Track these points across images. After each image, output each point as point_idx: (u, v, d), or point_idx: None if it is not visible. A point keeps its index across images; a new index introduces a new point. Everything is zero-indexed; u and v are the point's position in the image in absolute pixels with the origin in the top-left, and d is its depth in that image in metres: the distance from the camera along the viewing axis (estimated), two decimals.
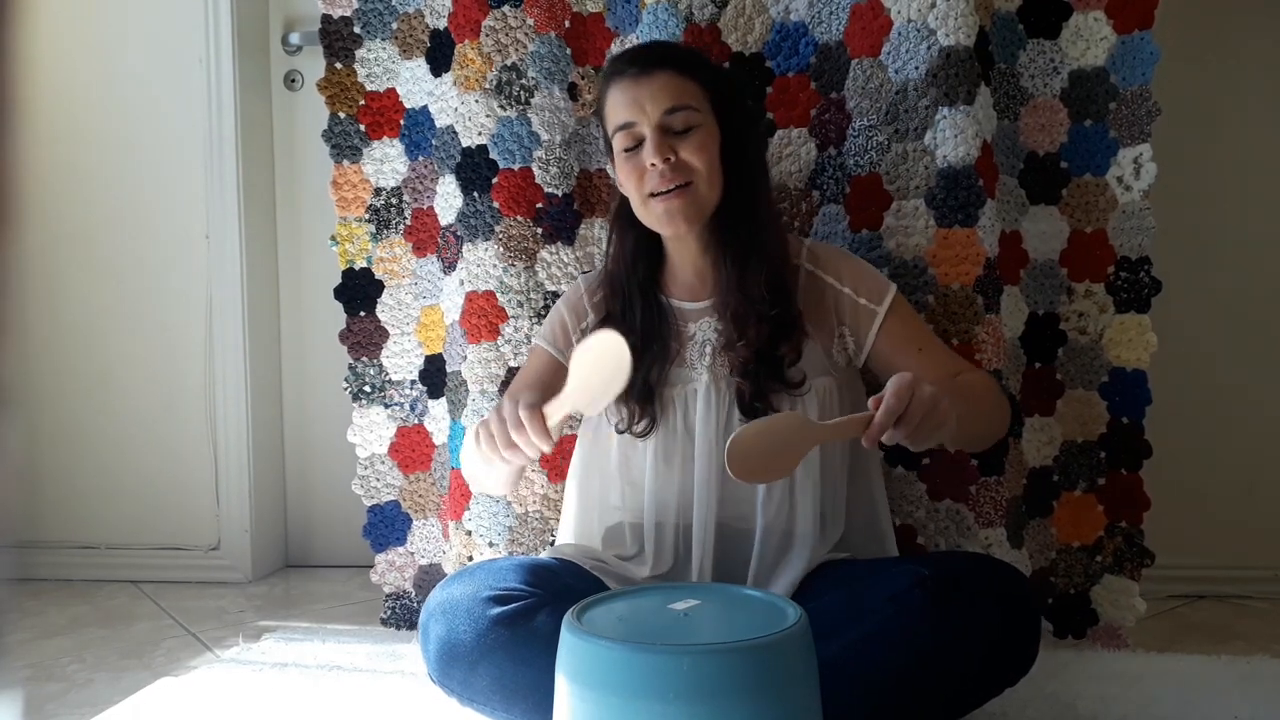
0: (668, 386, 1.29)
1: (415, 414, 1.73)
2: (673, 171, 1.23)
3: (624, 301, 1.33)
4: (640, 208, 1.28)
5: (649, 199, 1.25)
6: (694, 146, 1.24)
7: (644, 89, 1.24)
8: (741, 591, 1.03)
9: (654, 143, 1.23)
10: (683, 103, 1.24)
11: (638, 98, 1.24)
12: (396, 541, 1.75)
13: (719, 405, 1.27)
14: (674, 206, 1.24)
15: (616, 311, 1.33)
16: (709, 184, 1.26)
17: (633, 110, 1.24)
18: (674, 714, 0.83)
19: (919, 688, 1.07)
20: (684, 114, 1.24)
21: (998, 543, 1.44)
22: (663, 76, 1.25)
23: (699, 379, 1.29)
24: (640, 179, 1.25)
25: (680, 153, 1.23)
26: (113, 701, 1.42)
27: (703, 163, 1.24)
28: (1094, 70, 1.52)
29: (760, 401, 1.25)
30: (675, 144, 1.23)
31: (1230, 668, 1.45)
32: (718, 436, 1.26)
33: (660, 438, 1.28)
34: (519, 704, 1.10)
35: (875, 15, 1.47)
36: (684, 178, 1.23)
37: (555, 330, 1.39)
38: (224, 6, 2.07)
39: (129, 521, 2.14)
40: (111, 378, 2.14)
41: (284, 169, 2.20)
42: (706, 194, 1.26)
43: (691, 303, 1.33)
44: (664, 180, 1.23)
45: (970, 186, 1.42)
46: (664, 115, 1.23)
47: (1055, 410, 1.56)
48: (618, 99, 1.26)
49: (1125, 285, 1.53)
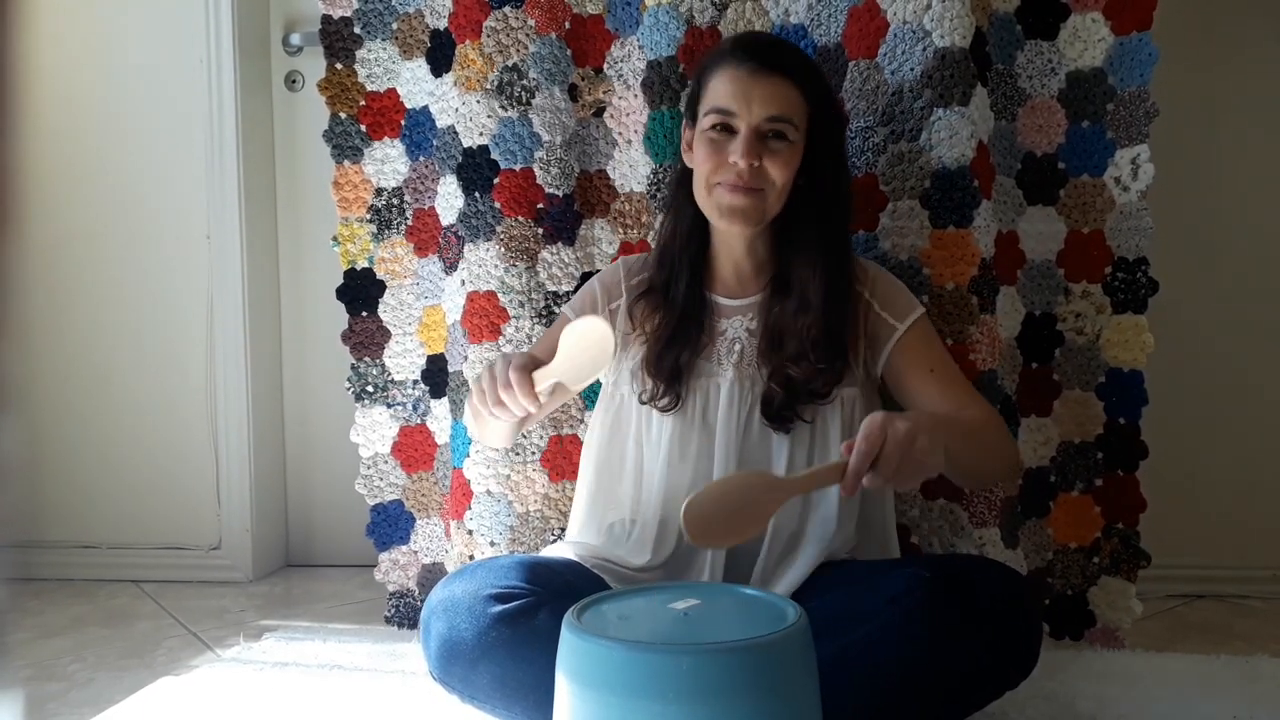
0: (692, 377, 1.30)
1: (417, 414, 1.74)
2: (751, 176, 1.24)
3: (670, 274, 1.34)
4: (703, 188, 1.28)
5: (715, 186, 1.26)
6: (779, 162, 1.25)
7: (756, 88, 1.24)
8: (742, 591, 1.03)
9: (746, 144, 1.23)
10: (787, 115, 1.24)
11: (747, 93, 1.24)
12: (400, 540, 1.75)
13: (741, 405, 1.28)
14: (737, 203, 1.25)
15: (660, 284, 1.34)
16: (778, 198, 1.27)
17: (738, 103, 1.24)
18: (674, 713, 0.83)
19: (919, 688, 1.07)
20: (783, 127, 1.25)
21: (991, 542, 1.44)
22: (778, 81, 1.24)
23: (724, 375, 1.30)
24: (716, 167, 1.26)
25: (764, 160, 1.24)
26: (114, 701, 1.42)
27: (780, 178, 1.25)
28: (1091, 71, 1.53)
29: (786, 410, 1.26)
30: (763, 151, 1.24)
31: (1229, 667, 1.46)
32: (737, 435, 1.27)
33: (678, 428, 1.29)
34: (519, 702, 1.10)
35: (872, 17, 1.48)
36: (758, 184, 1.25)
37: (585, 303, 1.40)
38: (224, 7, 2.07)
39: (130, 521, 2.14)
40: (112, 378, 2.14)
41: (285, 169, 2.20)
42: (772, 205, 1.27)
43: (727, 299, 1.34)
44: (739, 179, 1.24)
45: (965, 187, 1.42)
46: (765, 121, 1.24)
47: (1052, 411, 1.56)
48: (726, 84, 1.26)
49: (1122, 286, 1.54)
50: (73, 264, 2.13)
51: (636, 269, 1.41)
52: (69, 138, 2.11)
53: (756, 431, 1.28)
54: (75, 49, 2.12)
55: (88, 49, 2.12)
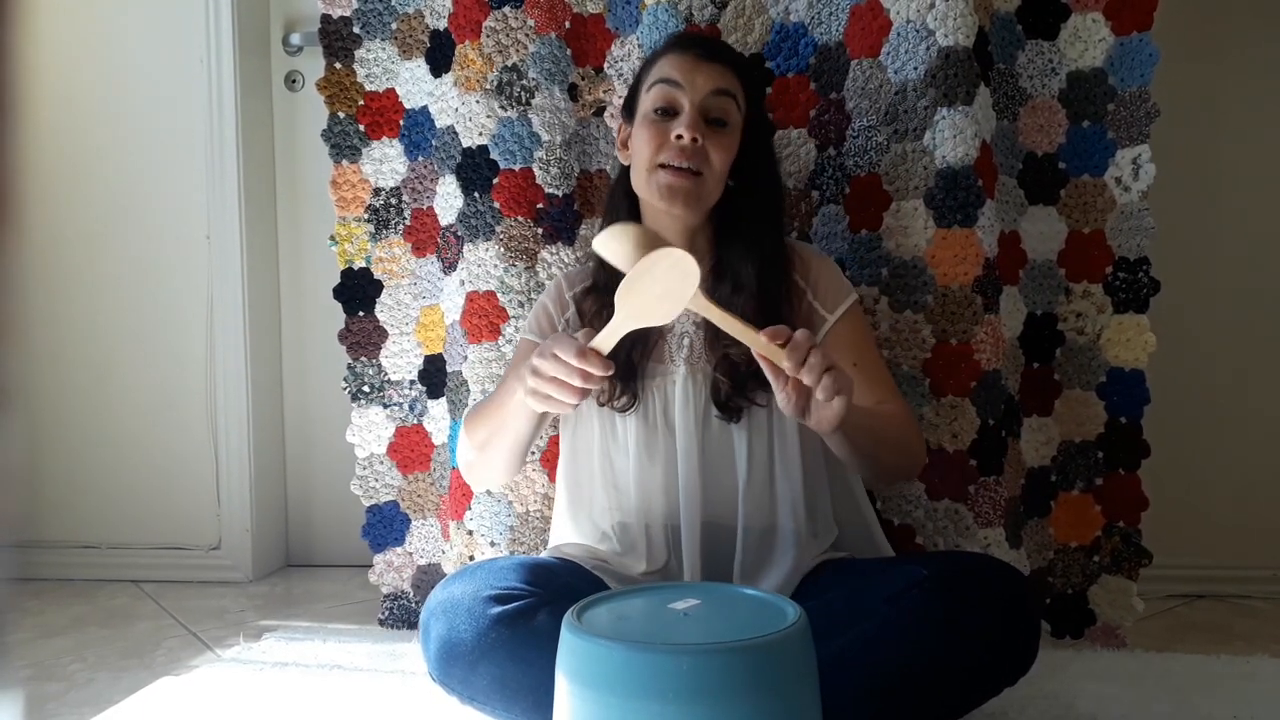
0: (647, 376, 1.30)
1: (414, 414, 1.73)
2: (693, 154, 1.24)
3: (611, 273, 1.32)
4: (643, 174, 1.28)
5: (657, 168, 1.26)
6: (719, 145, 1.26)
7: (701, 67, 1.27)
8: (742, 591, 1.03)
9: (691, 118, 1.25)
10: (731, 89, 1.27)
11: (693, 70, 1.27)
12: (395, 542, 1.75)
13: (696, 400, 1.28)
14: (678, 184, 1.25)
15: (602, 281, 1.33)
16: (716, 183, 1.28)
17: (683, 76, 1.27)
18: (674, 714, 0.83)
19: (919, 687, 1.07)
20: (726, 102, 1.27)
21: (996, 543, 1.44)
22: (721, 67, 1.28)
23: (676, 371, 1.30)
24: (658, 146, 1.26)
25: (706, 141, 1.25)
26: (113, 701, 1.42)
27: (719, 162, 1.27)
28: (1092, 71, 1.52)
29: (737, 397, 1.26)
30: (705, 132, 1.26)
31: (1229, 667, 1.45)
32: (697, 431, 1.27)
33: (641, 432, 1.29)
34: (519, 703, 1.10)
35: (875, 16, 1.48)
36: (698, 166, 1.25)
37: (540, 321, 1.40)
38: (224, 7, 2.07)
39: (130, 521, 2.14)
40: (112, 378, 2.14)
41: (284, 169, 2.20)
42: (711, 190, 1.28)
43: None
44: (682, 156, 1.24)
45: (969, 187, 1.42)
46: (709, 95, 1.26)
47: (1053, 410, 1.56)
48: (672, 64, 1.28)
49: (1123, 286, 1.54)
50: (72, 264, 2.13)
51: (577, 279, 1.41)
52: (69, 138, 2.11)
53: (715, 425, 1.28)
54: (75, 49, 2.12)
55: (88, 49, 2.12)
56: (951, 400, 1.45)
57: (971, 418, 1.44)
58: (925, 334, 1.46)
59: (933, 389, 1.46)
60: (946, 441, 1.45)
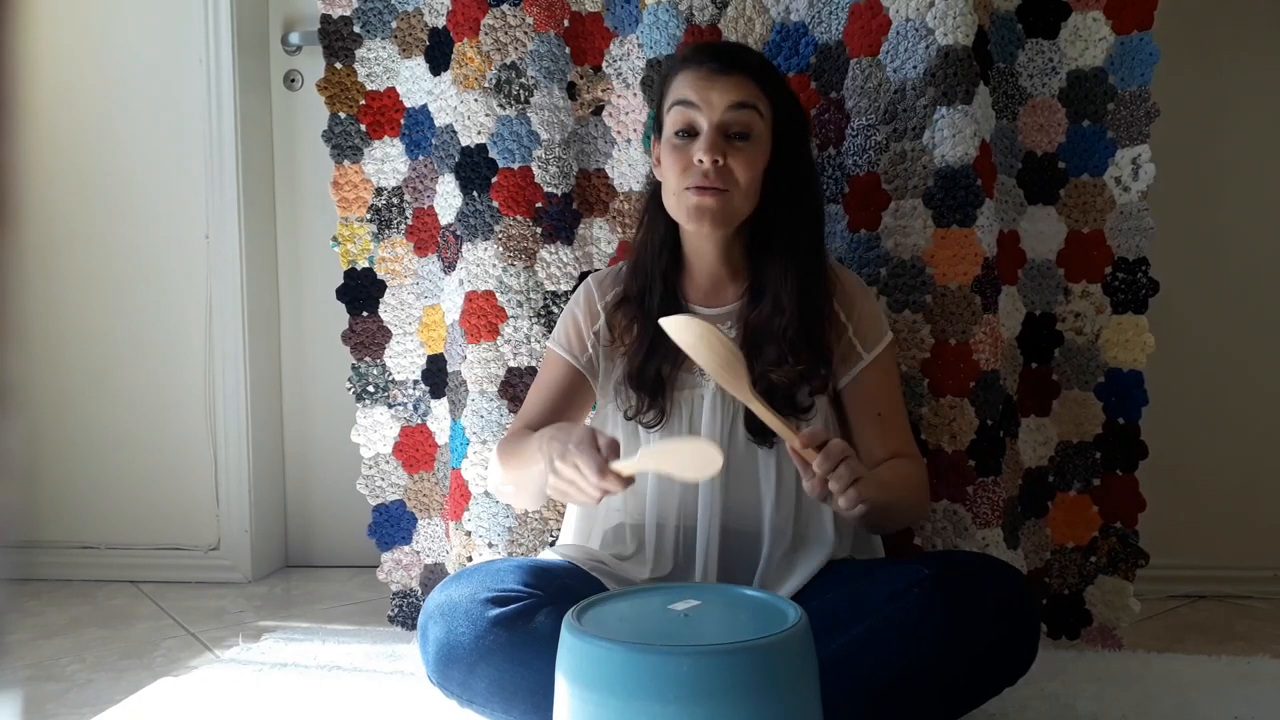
0: (675, 389, 1.30)
1: (418, 414, 1.73)
2: (716, 175, 1.23)
3: (644, 285, 1.33)
4: (673, 196, 1.28)
5: (684, 190, 1.25)
6: (743, 159, 1.24)
7: (717, 84, 1.25)
8: (742, 592, 1.03)
9: (709, 140, 1.23)
10: (750, 100, 1.25)
11: (708, 89, 1.25)
12: (402, 540, 1.75)
13: (724, 416, 1.28)
14: (706, 204, 1.24)
15: (635, 294, 1.33)
16: (745, 198, 1.26)
17: (699, 95, 1.25)
18: (674, 715, 0.83)
19: (919, 687, 1.07)
20: (746, 115, 1.24)
21: (994, 543, 1.44)
22: (738, 78, 1.25)
23: (705, 386, 1.29)
24: (683, 170, 1.25)
25: (729, 159, 1.24)
26: (113, 701, 1.42)
27: (745, 177, 1.25)
28: (1092, 70, 1.52)
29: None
30: (727, 150, 1.24)
31: (1230, 668, 1.46)
32: (722, 447, 1.26)
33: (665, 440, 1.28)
34: (518, 705, 1.10)
35: (874, 15, 1.48)
36: (723, 184, 1.24)
37: (569, 334, 1.38)
38: (224, 6, 2.07)
39: (129, 521, 2.14)
40: (111, 378, 2.14)
41: (284, 169, 2.20)
42: (739, 206, 1.26)
43: (704, 308, 1.33)
44: (705, 179, 1.23)
45: (968, 186, 1.42)
46: (727, 111, 1.24)
47: (1051, 410, 1.56)
48: (688, 82, 1.26)
49: (1123, 286, 1.54)
50: (72, 264, 2.13)
51: (609, 284, 1.39)
52: (68, 137, 2.11)
53: (742, 443, 1.27)
54: (75, 49, 2.11)
55: (87, 48, 2.12)
56: (950, 400, 1.45)
57: (970, 418, 1.44)
58: (924, 334, 1.46)
59: (931, 389, 1.46)
60: (945, 442, 1.45)
